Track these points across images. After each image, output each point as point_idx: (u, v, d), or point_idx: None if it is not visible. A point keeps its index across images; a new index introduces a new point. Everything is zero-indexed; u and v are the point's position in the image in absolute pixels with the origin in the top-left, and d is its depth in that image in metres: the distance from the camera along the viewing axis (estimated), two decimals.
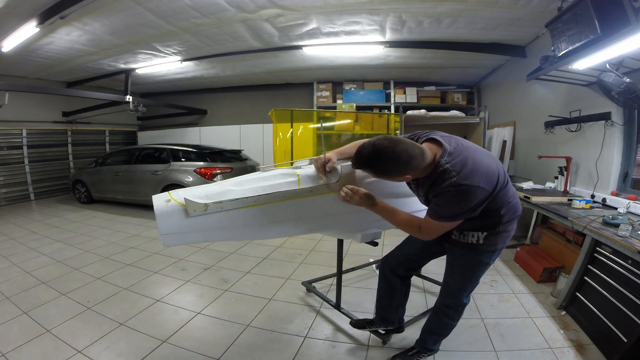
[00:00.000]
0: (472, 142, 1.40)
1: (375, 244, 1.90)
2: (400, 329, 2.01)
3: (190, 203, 1.32)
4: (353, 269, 2.98)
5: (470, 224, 1.45)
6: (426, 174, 1.33)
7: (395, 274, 1.80)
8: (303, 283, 2.74)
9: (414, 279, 2.87)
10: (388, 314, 1.89)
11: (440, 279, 2.76)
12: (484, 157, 1.32)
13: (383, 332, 2.02)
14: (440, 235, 1.41)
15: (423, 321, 2.25)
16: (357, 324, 2.03)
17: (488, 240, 1.47)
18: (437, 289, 2.68)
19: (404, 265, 1.80)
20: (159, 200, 1.36)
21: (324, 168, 1.55)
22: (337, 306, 2.32)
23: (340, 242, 2.22)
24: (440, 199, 1.29)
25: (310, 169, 1.63)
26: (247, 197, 1.40)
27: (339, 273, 2.31)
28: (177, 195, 1.37)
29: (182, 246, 3.70)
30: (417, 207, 1.76)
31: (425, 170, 1.31)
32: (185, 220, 1.34)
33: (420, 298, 2.62)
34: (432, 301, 2.53)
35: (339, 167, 1.57)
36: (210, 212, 1.36)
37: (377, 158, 1.23)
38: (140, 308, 2.44)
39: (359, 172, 1.61)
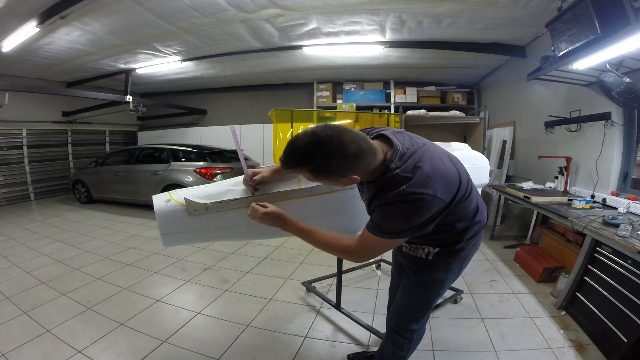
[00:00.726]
0: (429, 141, 1.16)
1: None
2: None
3: (190, 203, 1.32)
4: (353, 269, 2.98)
5: (420, 237, 1.21)
6: (372, 178, 1.08)
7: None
8: (303, 283, 2.74)
9: None
10: None
11: None
12: (444, 159, 1.08)
13: None
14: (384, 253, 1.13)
15: None
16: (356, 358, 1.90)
17: (439, 258, 1.24)
18: None
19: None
20: (159, 200, 1.36)
21: (249, 184, 1.40)
22: (337, 306, 2.32)
23: None
24: (385, 209, 1.02)
25: None
26: (247, 197, 1.40)
27: (339, 273, 2.31)
28: (178, 195, 1.37)
29: (182, 246, 3.70)
30: None
31: (373, 173, 1.05)
32: (186, 220, 1.34)
33: None
34: None
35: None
36: (211, 212, 1.35)
37: (319, 151, 0.93)
38: (140, 308, 2.44)
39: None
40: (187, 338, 2.08)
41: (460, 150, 2.12)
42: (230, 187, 1.45)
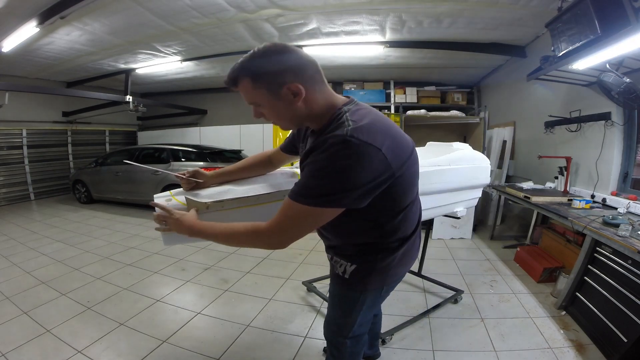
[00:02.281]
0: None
1: None
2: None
3: (191, 202, 1.31)
4: None
5: (345, 241, 1.09)
6: (320, 125, 0.95)
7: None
8: (304, 282, 2.75)
9: (414, 278, 2.87)
10: None
11: (441, 278, 2.77)
12: (399, 130, 0.95)
13: None
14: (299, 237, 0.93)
15: (423, 321, 2.27)
16: None
17: (355, 277, 1.09)
18: (437, 288, 2.70)
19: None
20: (160, 199, 1.35)
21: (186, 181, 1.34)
22: None
23: None
24: (318, 161, 0.84)
25: None
26: (248, 197, 1.40)
27: None
28: (179, 195, 1.38)
29: (182, 246, 3.71)
30: (425, 206, 1.67)
31: (321, 119, 0.94)
32: None
33: (420, 298, 2.62)
34: (432, 301, 2.57)
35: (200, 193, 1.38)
36: (211, 211, 1.34)
37: (263, 52, 0.87)
38: (140, 308, 2.44)
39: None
40: (187, 338, 2.08)
41: (461, 151, 2.15)
42: (231, 186, 1.45)
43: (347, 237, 1.08)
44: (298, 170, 1.54)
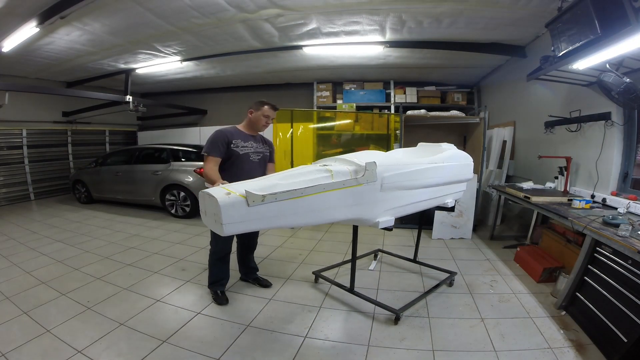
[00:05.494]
0: None
1: (390, 229, 2.07)
2: None
3: (250, 195, 1.46)
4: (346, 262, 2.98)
5: None
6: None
7: None
8: (314, 272, 2.86)
9: (410, 265, 3.09)
10: None
11: (437, 263, 2.98)
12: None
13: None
14: None
15: (423, 321, 2.27)
16: None
17: None
18: (434, 273, 2.79)
19: None
20: (219, 193, 1.49)
21: None
22: (350, 289, 2.49)
23: (355, 229, 2.37)
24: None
25: (339, 166, 1.86)
26: (296, 189, 1.59)
27: (354, 258, 2.45)
28: (235, 189, 1.54)
29: (182, 246, 3.80)
30: (424, 197, 2.16)
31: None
32: (246, 210, 1.49)
33: (418, 281, 2.65)
34: (428, 284, 2.74)
35: None
36: (267, 202, 1.52)
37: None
38: (140, 308, 2.44)
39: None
40: (187, 338, 2.08)
41: (450, 150, 2.47)
42: (277, 181, 1.66)
43: None
44: (330, 167, 1.83)
